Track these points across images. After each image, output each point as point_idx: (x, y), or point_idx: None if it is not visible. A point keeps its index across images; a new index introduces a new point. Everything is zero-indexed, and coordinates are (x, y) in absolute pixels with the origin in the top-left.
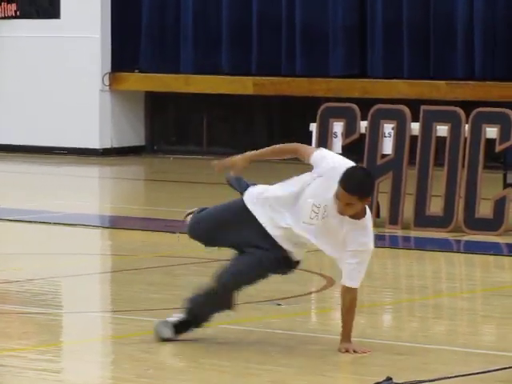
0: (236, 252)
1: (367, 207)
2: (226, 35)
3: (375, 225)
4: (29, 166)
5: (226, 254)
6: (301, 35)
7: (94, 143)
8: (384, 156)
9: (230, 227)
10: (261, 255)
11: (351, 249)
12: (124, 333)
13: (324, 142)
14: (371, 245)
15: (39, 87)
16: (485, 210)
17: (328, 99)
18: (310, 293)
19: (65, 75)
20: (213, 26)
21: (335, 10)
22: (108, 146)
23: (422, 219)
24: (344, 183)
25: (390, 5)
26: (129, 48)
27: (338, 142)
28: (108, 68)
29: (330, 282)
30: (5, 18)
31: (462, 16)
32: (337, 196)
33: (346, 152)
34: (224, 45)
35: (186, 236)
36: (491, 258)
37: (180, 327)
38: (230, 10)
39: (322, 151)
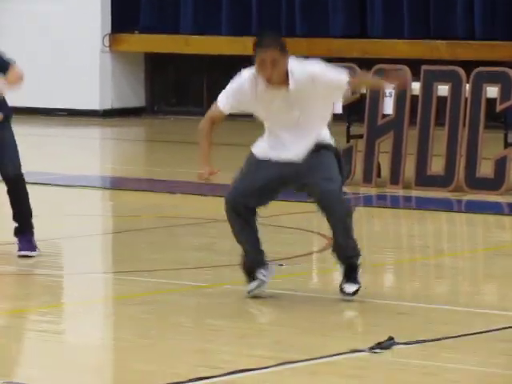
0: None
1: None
2: None
3: (377, 185)
4: (29, 127)
5: (225, 215)
6: None
7: (95, 104)
8: (385, 116)
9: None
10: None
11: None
12: (125, 293)
13: None
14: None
15: (39, 49)
16: (486, 169)
17: (328, 59)
18: (311, 253)
19: (64, 36)
20: None
21: None
22: (108, 107)
23: (423, 179)
24: (258, 43)
25: None
26: (129, 9)
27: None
28: (108, 29)
29: (331, 243)
30: None
31: None
32: (257, 67)
33: (347, 112)
34: (224, 5)
35: (186, 197)
36: (492, 217)
37: None
38: None
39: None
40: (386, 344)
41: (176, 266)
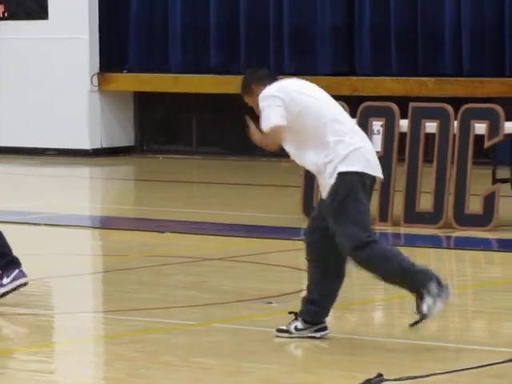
0: None
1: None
2: (214, 35)
3: None
4: (19, 167)
5: (214, 254)
6: (289, 36)
7: (84, 144)
8: None
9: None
10: None
11: None
12: (115, 332)
13: None
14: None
15: (28, 88)
16: (474, 205)
17: None
18: (300, 290)
19: (53, 76)
20: (201, 27)
21: (323, 12)
22: (98, 146)
23: (412, 216)
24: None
25: (377, 5)
26: (117, 48)
27: None
28: (96, 68)
29: None
30: None
31: (450, 14)
32: None
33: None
34: (212, 45)
35: (175, 235)
36: (481, 253)
37: None
38: (218, 10)
39: None
40: (375, 381)
41: (165, 305)
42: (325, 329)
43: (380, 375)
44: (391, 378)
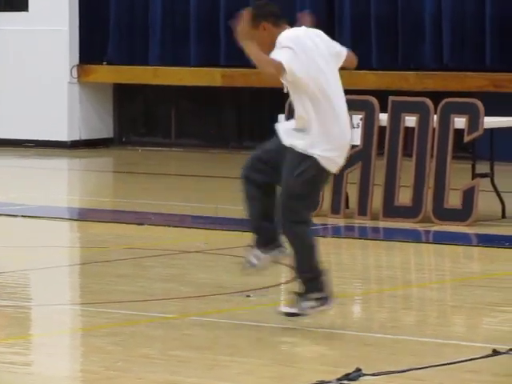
0: None
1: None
2: (193, 27)
3: (345, 215)
4: None
5: (193, 247)
6: None
7: (63, 135)
8: (353, 147)
9: None
10: None
11: None
12: (93, 325)
13: None
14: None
15: (7, 80)
16: (454, 200)
17: None
18: (279, 284)
19: (33, 68)
20: (181, 19)
21: (303, 4)
22: (77, 138)
23: (391, 210)
24: None
25: None
26: (97, 40)
27: None
28: (76, 60)
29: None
30: None
31: (430, 7)
32: None
33: None
34: (192, 37)
35: (154, 228)
36: (460, 248)
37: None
38: (198, 2)
39: None
40: (354, 375)
41: (143, 298)
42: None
43: (358, 370)
44: (369, 372)
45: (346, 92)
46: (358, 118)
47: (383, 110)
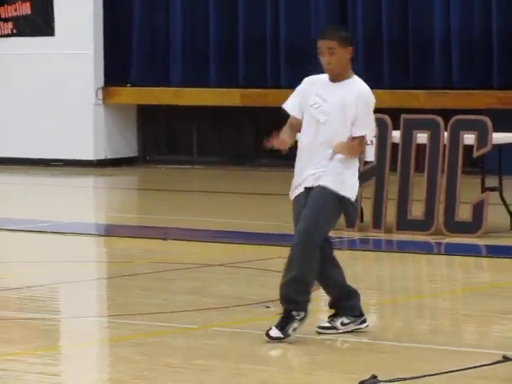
0: None
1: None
2: (213, 49)
3: (360, 229)
4: (27, 177)
5: (215, 260)
6: (285, 50)
7: (89, 155)
8: (367, 163)
9: None
10: None
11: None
12: (120, 336)
13: None
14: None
15: (36, 102)
16: (464, 213)
17: None
18: None
19: (60, 90)
20: (201, 41)
21: (317, 27)
22: (102, 157)
23: (404, 223)
24: (321, 34)
25: (369, 20)
26: (120, 63)
27: None
28: (101, 82)
29: (317, 285)
30: (2, 36)
31: (440, 29)
32: (320, 56)
33: None
34: (212, 59)
35: (177, 243)
36: (471, 259)
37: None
38: (217, 25)
39: None
40: (369, 382)
41: (167, 310)
42: (366, 321)
43: (374, 377)
44: (384, 379)
45: None
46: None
47: (396, 127)
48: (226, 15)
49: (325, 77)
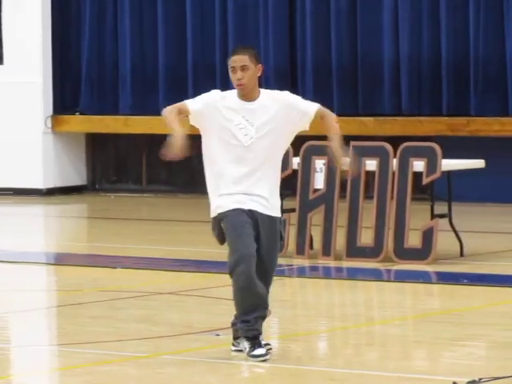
0: None
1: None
2: (162, 79)
3: (309, 256)
4: None
5: (164, 288)
6: None
7: (38, 183)
8: (316, 190)
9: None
10: None
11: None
12: (69, 365)
13: None
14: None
15: None
16: (414, 240)
17: None
18: None
19: (8, 118)
20: (150, 71)
21: (266, 54)
22: (51, 185)
23: (354, 250)
24: (231, 53)
25: (319, 47)
26: (69, 91)
27: None
28: (50, 111)
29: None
30: None
31: (388, 56)
32: (230, 74)
33: (280, 187)
34: (160, 88)
35: (127, 271)
36: (421, 285)
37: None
38: (166, 55)
39: None
40: None
41: (117, 338)
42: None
43: None
44: None
45: (310, 138)
46: (321, 163)
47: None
48: (175, 43)
49: (234, 95)
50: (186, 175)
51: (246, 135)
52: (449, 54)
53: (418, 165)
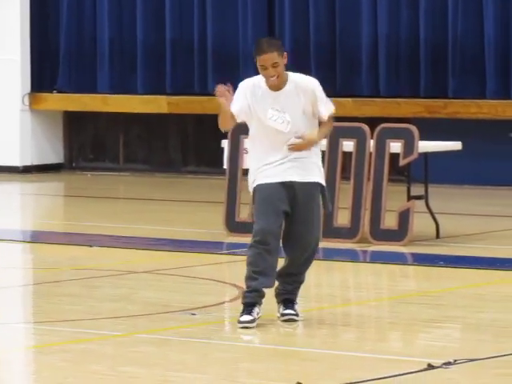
0: None
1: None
2: (140, 57)
3: None
4: None
5: (141, 267)
6: (212, 58)
7: (15, 161)
8: None
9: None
10: None
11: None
12: (45, 342)
13: (235, 157)
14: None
15: None
16: (390, 221)
17: None
18: (223, 302)
19: None
20: (128, 49)
21: (245, 32)
22: (28, 163)
23: (330, 231)
24: (257, 51)
25: (297, 28)
26: (47, 69)
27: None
28: (28, 89)
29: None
30: None
31: (367, 36)
32: (260, 71)
33: None
34: (139, 66)
35: (103, 249)
36: (396, 267)
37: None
38: (144, 33)
39: None
40: None
41: (93, 317)
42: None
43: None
44: None
45: None
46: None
47: None
48: (154, 23)
49: (263, 84)
50: (163, 154)
51: (283, 123)
52: (427, 36)
53: (395, 146)
